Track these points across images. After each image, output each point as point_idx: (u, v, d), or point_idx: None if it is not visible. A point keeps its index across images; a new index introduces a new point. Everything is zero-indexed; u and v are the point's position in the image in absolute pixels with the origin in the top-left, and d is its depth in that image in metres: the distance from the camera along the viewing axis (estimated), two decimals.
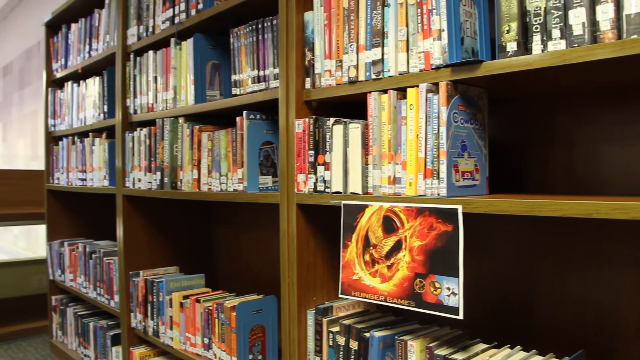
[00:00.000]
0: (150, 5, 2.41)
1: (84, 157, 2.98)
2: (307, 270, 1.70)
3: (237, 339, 1.91)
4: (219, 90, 2.16)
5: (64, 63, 3.30)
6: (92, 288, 2.93)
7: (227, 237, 2.72)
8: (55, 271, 3.41)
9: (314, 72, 1.65)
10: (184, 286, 2.32)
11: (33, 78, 7.83)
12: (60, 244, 3.33)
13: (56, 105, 3.41)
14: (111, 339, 2.77)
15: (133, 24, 2.52)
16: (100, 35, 2.86)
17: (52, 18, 3.38)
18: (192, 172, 2.10)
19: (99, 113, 2.85)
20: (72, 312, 3.23)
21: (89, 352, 3.02)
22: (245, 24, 1.92)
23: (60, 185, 3.31)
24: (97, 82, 2.87)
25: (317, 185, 1.60)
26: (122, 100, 2.57)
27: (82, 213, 3.54)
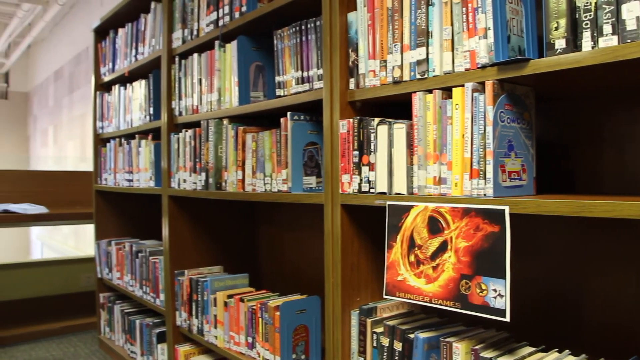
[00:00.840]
0: (195, 9, 2.45)
1: (130, 158, 3.05)
2: (351, 270, 1.70)
3: (281, 339, 1.92)
4: (263, 91, 2.18)
5: (111, 67, 3.38)
6: (139, 286, 2.99)
7: (271, 237, 2.74)
8: (103, 269, 3.49)
9: (358, 73, 1.65)
10: (228, 285, 2.34)
11: (82, 82, 8.04)
12: (108, 243, 3.41)
13: (104, 108, 3.49)
14: (157, 337, 2.82)
15: (178, 27, 2.57)
16: (146, 39, 2.92)
17: (101, 24, 3.46)
18: (236, 172, 2.13)
19: (145, 115, 2.91)
20: (119, 309, 3.31)
21: (135, 349, 3.09)
22: (288, 26, 1.93)
23: (107, 186, 3.39)
24: (143, 85, 2.92)
25: (362, 185, 1.59)
26: (167, 103, 2.62)
27: (128, 213, 3.62)
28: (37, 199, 4.29)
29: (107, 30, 3.44)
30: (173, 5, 2.62)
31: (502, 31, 1.26)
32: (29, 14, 6.83)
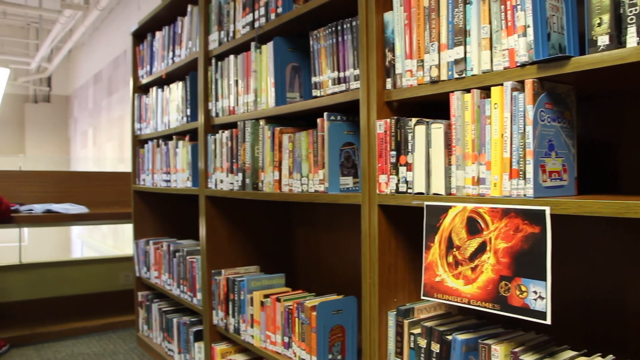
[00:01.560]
0: (231, 11, 2.47)
1: (168, 159, 3.09)
2: (388, 271, 1.69)
3: (317, 339, 1.93)
4: (299, 92, 2.19)
5: (149, 70, 3.43)
6: (176, 285, 3.03)
7: (307, 237, 2.75)
8: (141, 268, 3.55)
9: (395, 73, 1.64)
10: (264, 285, 2.36)
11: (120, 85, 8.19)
12: (146, 242, 3.47)
13: (142, 110, 3.55)
14: (194, 335, 2.85)
15: (214, 29, 2.59)
16: (183, 42, 2.95)
17: (138, 28, 3.52)
18: (273, 173, 2.14)
19: (182, 117, 2.94)
20: (157, 307, 3.36)
21: (172, 347, 3.13)
22: (324, 26, 1.93)
23: (145, 186, 3.44)
24: (181, 87, 2.96)
25: (399, 186, 1.59)
26: (204, 104, 2.65)
27: (165, 213, 3.67)
28: (78, 199, 4.39)
29: (145, 34, 3.49)
30: (209, 7, 2.65)
31: (542, 28, 1.24)
32: (70, 19, 6.99)
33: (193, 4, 2.85)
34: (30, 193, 4.31)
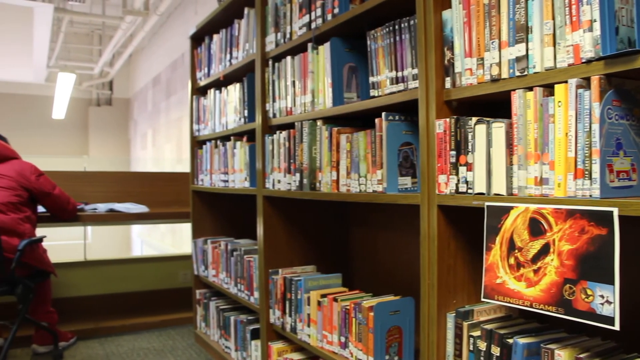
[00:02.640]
0: (287, 12, 2.49)
1: (226, 159, 3.14)
2: (447, 272, 1.67)
3: (374, 339, 1.92)
4: (356, 92, 2.18)
5: (207, 72, 3.49)
6: (233, 284, 3.08)
7: (364, 237, 2.75)
8: (200, 267, 3.62)
9: (454, 71, 1.62)
10: (321, 285, 2.37)
11: (178, 87, 8.38)
12: (204, 241, 3.53)
13: (200, 112, 3.62)
14: (251, 333, 2.89)
15: (271, 31, 2.62)
16: (240, 44, 3.00)
17: (196, 31, 3.59)
18: (330, 173, 2.15)
19: (239, 118, 2.99)
20: (214, 305, 3.42)
21: (229, 344, 3.18)
22: (381, 26, 1.93)
23: (204, 186, 3.51)
24: (238, 89, 3.01)
25: (459, 186, 1.57)
26: (261, 105, 2.68)
27: (223, 212, 3.73)
28: (138, 198, 4.52)
29: (203, 37, 3.55)
30: (266, 10, 2.67)
31: (610, 22, 1.20)
32: (131, 25, 7.20)
33: (249, 7, 2.88)
34: (94, 193, 4.46)
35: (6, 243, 2.98)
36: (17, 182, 3.25)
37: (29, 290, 3.09)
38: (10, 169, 3.28)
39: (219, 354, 3.28)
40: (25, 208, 3.27)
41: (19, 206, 3.22)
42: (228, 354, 3.19)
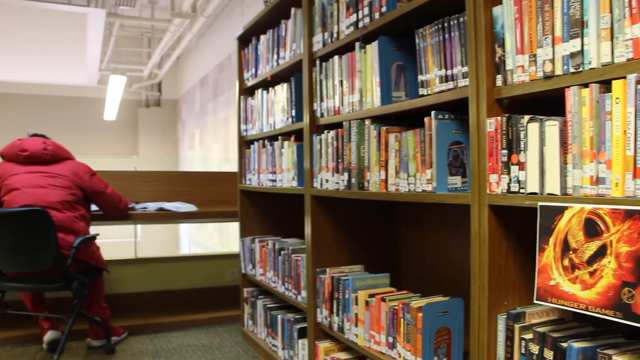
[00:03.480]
0: (334, 12, 2.49)
1: (273, 159, 3.16)
2: (498, 273, 1.65)
3: (423, 340, 1.91)
4: (405, 91, 2.17)
5: (254, 72, 3.52)
6: (281, 283, 3.10)
7: (412, 237, 2.73)
8: (247, 265, 3.66)
9: (505, 69, 1.59)
10: (369, 285, 2.36)
11: (225, 88, 8.49)
12: (252, 240, 3.57)
13: (247, 112, 3.65)
14: (298, 332, 2.90)
15: (318, 31, 2.62)
16: (287, 44, 3.01)
17: (243, 32, 3.63)
18: (379, 172, 2.14)
19: (287, 117, 3.00)
20: (261, 304, 3.44)
21: (276, 343, 3.20)
22: (430, 24, 1.91)
23: (251, 185, 3.54)
24: (285, 89, 3.02)
25: (511, 185, 1.54)
26: (309, 105, 2.69)
27: (270, 212, 3.76)
28: (187, 197, 4.59)
29: (250, 38, 3.59)
30: (313, 9, 2.68)
31: None
32: (179, 27, 7.34)
33: (296, 7, 2.90)
34: (144, 192, 4.56)
35: (62, 240, 3.08)
36: (72, 182, 3.35)
37: (84, 286, 3.18)
38: (65, 169, 3.38)
39: (266, 352, 3.30)
40: (79, 207, 3.37)
41: (74, 205, 3.31)
42: (275, 352, 3.22)
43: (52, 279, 3.13)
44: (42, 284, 3.18)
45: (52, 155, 3.38)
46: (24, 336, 3.65)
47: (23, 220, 3.00)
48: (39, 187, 3.24)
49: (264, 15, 3.25)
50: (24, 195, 3.19)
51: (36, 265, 3.07)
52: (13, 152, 3.35)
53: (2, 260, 3.14)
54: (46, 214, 2.97)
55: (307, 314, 2.75)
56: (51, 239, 2.98)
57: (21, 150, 3.32)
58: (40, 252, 3.02)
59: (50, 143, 3.42)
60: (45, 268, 3.04)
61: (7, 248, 3.08)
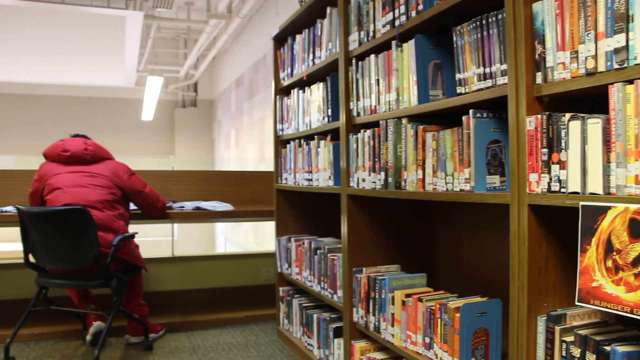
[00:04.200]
0: (370, 11, 2.49)
1: (310, 158, 3.17)
2: (538, 274, 1.62)
3: (460, 341, 1.89)
4: (442, 89, 2.15)
5: (290, 72, 3.54)
6: (317, 282, 3.10)
7: (448, 237, 2.70)
8: (283, 264, 3.67)
9: (545, 66, 1.56)
10: (405, 285, 2.35)
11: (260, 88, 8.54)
12: (288, 239, 3.58)
13: (283, 111, 3.67)
14: (333, 331, 2.90)
15: (354, 30, 2.62)
16: (322, 43, 3.02)
17: (279, 32, 3.64)
18: (416, 172, 2.12)
19: (323, 117, 3.01)
20: (297, 303, 3.46)
21: (312, 342, 3.21)
22: (468, 21, 1.89)
23: (287, 185, 3.56)
24: (321, 88, 3.03)
25: (551, 185, 1.51)
26: (345, 104, 2.68)
27: (306, 211, 3.76)
28: (223, 197, 4.63)
29: (285, 37, 3.60)
30: (348, 8, 2.68)
31: None
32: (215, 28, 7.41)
33: (332, 6, 2.90)
34: (181, 191, 4.62)
35: (102, 238, 3.14)
36: (111, 181, 3.42)
37: (123, 284, 3.24)
38: (105, 169, 3.45)
39: (302, 351, 3.31)
40: (119, 206, 3.43)
41: (113, 204, 3.38)
42: (310, 351, 3.22)
43: (92, 277, 3.20)
44: (83, 281, 3.25)
45: (92, 156, 3.45)
46: (67, 331, 3.74)
47: (65, 219, 3.07)
48: (80, 186, 3.31)
49: (299, 15, 3.26)
50: (65, 195, 3.27)
51: (77, 262, 3.14)
52: (55, 152, 3.43)
53: (45, 258, 3.22)
54: (87, 213, 3.04)
55: (342, 313, 2.75)
56: (92, 237, 3.05)
57: (63, 151, 3.40)
58: (81, 250, 3.09)
59: (90, 143, 3.49)
60: (85, 265, 3.12)
61: (50, 246, 3.16)
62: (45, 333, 3.71)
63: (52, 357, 3.36)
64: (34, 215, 3.14)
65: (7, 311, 3.95)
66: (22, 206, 3.19)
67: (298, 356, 3.39)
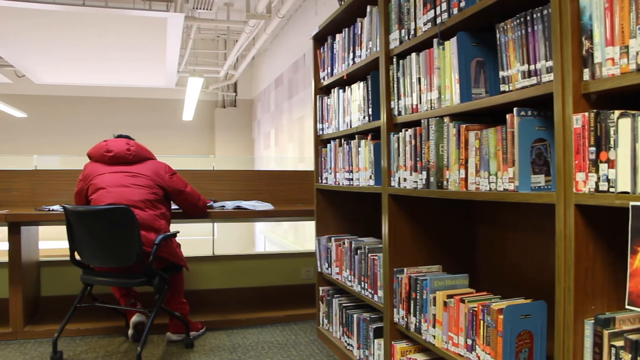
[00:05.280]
0: (411, 8, 2.46)
1: (350, 158, 3.16)
2: (585, 276, 1.58)
3: (504, 343, 1.85)
4: (484, 87, 2.11)
5: (329, 71, 3.53)
6: (357, 282, 3.09)
7: (491, 237, 2.66)
8: (323, 264, 3.67)
9: (593, 62, 1.52)
10: (447, 285, 2.32)
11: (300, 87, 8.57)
12: (328, 239, 3.58)
13: (324, 111, 3.67)
14: (373, 332, 2.89)
15: (395, 28, 2.60)
16: (363, 42, 3.01)
17: (319, 31, 3.64)
18: (458, 171, 2.09)
19: (363, 116, 2.99)
20: (337, 303, 3.45)
21: (352, 342, 3.20)
22: (512, 18, 1.85)
23: (328, 184, 3.55)
24: (362, 87, 3.02)
25: (599, 184, 1.47)
26: (386, 103, 2.67)
27: (346, 210, 3.76)
28: (263, 196, 4.67)
29: (325, 37, 3.60)
30: (389, 7, 2.66)
31: None
32: (254, 28, 7.45)
33: (372, 5, 2.88)
34: (221, 191, 4.67)
35: (144, 237, 3.20)
36: (153, 181, 3.47)
37: (165, 282, 3.29)
38: (147, 169, 3.51)
39: (341, 351, 3.31)
40: (160, 205, 3.48)
41: (155, 203, 3.43)
42: (350, 351, 3.22)
43: (135, 275, 3.26)
44: (126, 279, 3.32)
45: (134, 156, 3.51)
46: (110, 327, 3.83)
47: (109, 218, 3.14)
48: (123, 186, 3.38)
49: (339, 14, 3.25)
50: (109, 194, 3.34)
51: (121, 260, 3.20)
52: (99, 153, 3.51)
53: (90, 256, 3.30)
54: (130, 212, 3.10)
55: (383, 313, 2.73)
56: (135, 236, 3.11)
57: (106, 151, 3.48)
58: (125, 249, 3.15)
59: (133, 144, 3.56)
60: (129, 264, 3.18)
61: (95, 244, 3.24)
62: (90, 329, 3.80)
63: (96, 352, 3.44)
64: (80, 214, 3.22)
65: (54, 307, 4.08)
66: (68, 205, 3.27)
67: (337, 356, 3.39)
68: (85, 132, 11.15)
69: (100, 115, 12.31)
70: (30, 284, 3.99)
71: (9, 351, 3.47)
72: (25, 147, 11.71)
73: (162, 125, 12.51)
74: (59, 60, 7.79)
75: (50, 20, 5.75)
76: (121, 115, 12.48)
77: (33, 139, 11.98)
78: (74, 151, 6.44)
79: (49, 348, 3.42)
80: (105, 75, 9.23)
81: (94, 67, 8.37)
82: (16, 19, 5.61)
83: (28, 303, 3.87)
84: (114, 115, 12.42)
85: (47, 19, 5.66)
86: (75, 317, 3.43)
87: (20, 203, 4.30)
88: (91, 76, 9.39)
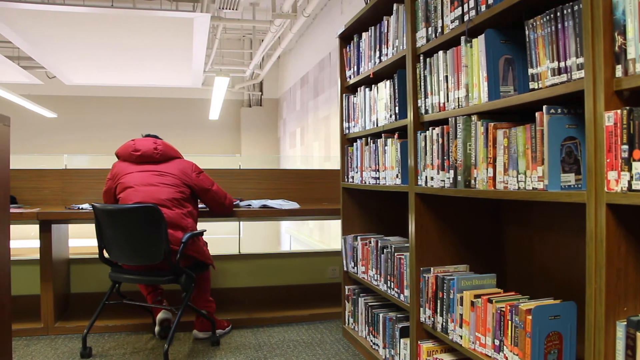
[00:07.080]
0: (438, 6, 2.44)
1: (376, 157, 3.15)
2: (617, 276, 1.55)
3: (532, 344, 1.83)
4: (513, 85, 2.09)
5: (356, 70, 3.53)
6: (383, 281, 3.08)
7: (519, 236, 2.63)
8: (349, 263, 3.67)
9: (626, 58, 1.49)
10: (474, 285, 2.30)
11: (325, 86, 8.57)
12: (354, 238, 3.57)
13: (350, 110, 3.66)
14: (399, 331, 2.88)
15: (421, 26, 2.58)
16: (389, 40, 2.99)
17: (345, 30, 3.64)
18: (486, 170, 2.07)
19: (390, 115, 2.98)
20: (363, 302, 3.44)
21: (377, 341, 3.19)
22: (541, 14, 1.82)
23: (354, 183, 3.55)
24: (388, 86, 3.00)
25: (632, 183, 1.44)
26: (413, 101, 2.65)
27: (372, 209, 3.75)
28: (289, 195, 4.68)
29: (351, 35, 3.59)
30: (416, 5, 2.64)
31: None
32: (280, 28, 7.48)
33: (398, 3, 2.87)
34: (247, 189, 4.69)
35: (171, 236, 3.23)
36: (180, 180, 3.51)
37: (191, 280, 3.32)
38: (174, 168, 3.54)
39: (367, 350, 3.30)
40: (187, 204, 3.51)
41: (182, 202, 3.46)
42: (376, 350, 3.21)
43: (162, 273, 3.30)
44: (154, 276, 3.35)
45: (162, 155, 3.55)
46: (138, 324, 3.88)
47: (137, 216, 3.18)
48: (151, 185, 3.42)
49: (365, 13, 3.24)
50: (137, 193, 3.38)
51: (148, 258, 3.24)
52: (127, 152, 3.55)
53: (118, 253, 3.34)
54: (158, 211, 3.13)
55: (409, 313, 2.72)
56: (162, 234, 3.14)
57: (134, 150, 3.52)
58: (152, 247, 3.18)
59: (160, 143, 3.59)
60: (156, 262, 3.21)
61: (123, 242, 3.28)
62: (118, 326, 3.85)
63: (124, 348, 3.48)
64: (108, 213, 3.26)
65: (83, 303, 4.15)
66: (97, 204, 3.32)
67: (363, 355, 3.38)
68: (114, 132, 11.31)
69: (128, 115, 12.49)
70: (61, 281, 4.06)
71: (41, 346, 3.54)
72: (56, 146, 11.94)
73: (189, 125, 12.63)
74: (88, 61, 7.91)
75: (79, 23, 5.86)
76: (148, 115, 12.63)
77: (63, 139, 12.21)
78: (103, 150, 6.54)
79: (78, 344, 3.48)
80: (133, 75, 9.36)
81: (122, 67, 8.49)
82: (47, 22, 5.72)
83: (58, 299, 3.94)
84: (142, 115, 12.59)
85: (77, 21, 5.77)
86: (104, 313, 3.48)
87: (51, 201, 4.38)
88: (119, 76, 9.52)
